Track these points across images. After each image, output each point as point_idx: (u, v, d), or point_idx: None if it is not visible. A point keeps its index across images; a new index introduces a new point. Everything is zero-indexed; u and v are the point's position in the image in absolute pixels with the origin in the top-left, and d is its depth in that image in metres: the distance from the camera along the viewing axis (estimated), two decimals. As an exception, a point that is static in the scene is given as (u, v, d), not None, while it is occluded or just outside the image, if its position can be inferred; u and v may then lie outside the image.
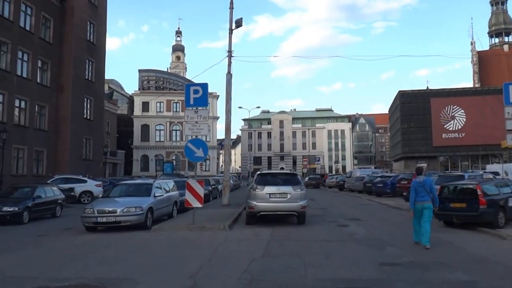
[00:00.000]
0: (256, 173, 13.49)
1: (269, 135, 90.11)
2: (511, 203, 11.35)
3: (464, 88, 67.49)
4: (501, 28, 77.34)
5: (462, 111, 61.16)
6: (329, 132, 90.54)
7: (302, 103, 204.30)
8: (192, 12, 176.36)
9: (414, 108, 63.18)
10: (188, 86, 12.46)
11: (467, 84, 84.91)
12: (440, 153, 62.69)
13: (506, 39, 77.60)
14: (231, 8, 19.29)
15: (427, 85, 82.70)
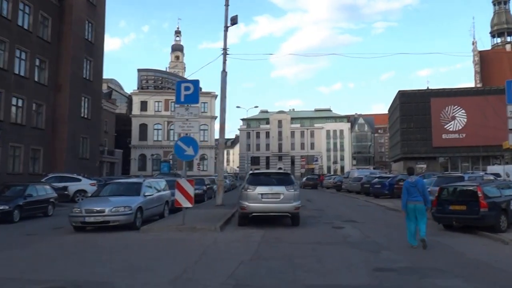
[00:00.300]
0: (248, 172, 13.14)
1: (267, 135, 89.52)
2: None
3: (465, 88, 66.90)
4: (503, 28, 77.00)
5: (463, 111, 60.61)
6: (328, 132, 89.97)
7: (301, 103, 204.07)
8: (193, 14, 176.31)
9: (414, 108, 62.71)
10: (179, 83, 12.13)
11: (468, 84, 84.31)
12: (440, 154, 62.18)
13: (509, 38, 77.33)
14: (226, 5, 19.07)
15: (428, 85, 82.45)
